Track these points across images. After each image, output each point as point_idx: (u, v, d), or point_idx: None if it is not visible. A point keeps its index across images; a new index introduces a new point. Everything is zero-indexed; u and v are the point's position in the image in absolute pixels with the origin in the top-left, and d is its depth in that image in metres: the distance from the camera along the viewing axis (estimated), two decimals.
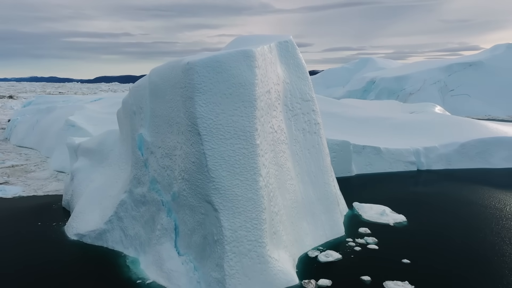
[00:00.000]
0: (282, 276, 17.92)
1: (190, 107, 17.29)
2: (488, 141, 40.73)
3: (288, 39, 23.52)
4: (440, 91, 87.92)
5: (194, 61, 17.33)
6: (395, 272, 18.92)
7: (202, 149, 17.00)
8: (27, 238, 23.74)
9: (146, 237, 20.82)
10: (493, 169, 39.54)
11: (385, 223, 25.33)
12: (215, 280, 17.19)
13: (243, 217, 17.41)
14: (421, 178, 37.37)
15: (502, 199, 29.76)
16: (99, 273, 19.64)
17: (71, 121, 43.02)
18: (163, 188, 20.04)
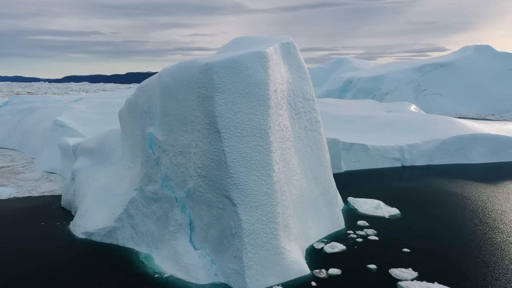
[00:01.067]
0: (296, 267, 18.92)
1: (209, 106, 18.02)
2: (466, 138, 43.06)
3: (290, 40, 24.48)
4: (414, 91, 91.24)
5: (213, 61, 18.06)
6: (398, 260, 20.23)
7: (221, 146, 17.78)
8: (35, 238, 23.81)
9: (158, 233, 21.36)
10: (471, 164, 41.85)
11: (381, 216, 26.72)
12: (233, 271, 18.00)
13: (259, 211, 18.30)
14: (407, 174, 39.18)
15: (483, 191, 31.77)
16: (115, 269, 20.06)
17: (59, 121, 42.62)
18: (177, 185, 20.65)
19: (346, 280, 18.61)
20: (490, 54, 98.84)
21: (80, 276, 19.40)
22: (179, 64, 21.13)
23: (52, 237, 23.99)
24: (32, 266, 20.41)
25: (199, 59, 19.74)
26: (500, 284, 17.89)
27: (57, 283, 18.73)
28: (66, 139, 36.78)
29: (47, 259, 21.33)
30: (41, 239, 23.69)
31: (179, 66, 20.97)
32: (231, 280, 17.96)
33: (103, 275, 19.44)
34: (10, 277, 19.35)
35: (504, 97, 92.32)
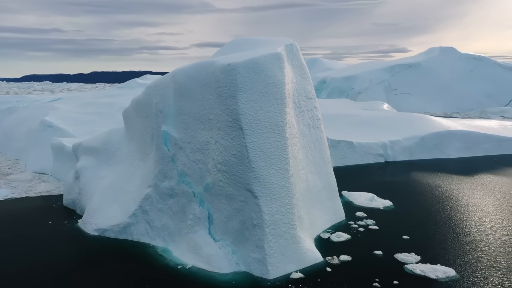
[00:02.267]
0: (311, 254, 20.29)
1: (232, 104, 19.07)
2: (443, 134, 45.89)
3: (292, 42, 25.79)
4: (385, 90, 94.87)
5: (235, 62, 19.13)
6: (400, 246, 21.98)
7: (244, 142, 18.89)
8: (47, 237, 24.09)
9: (175, 227, 22.18)
10: (448, 159, 44.69)
11: (376, 207, 28.53)
12: (255, 260, 19.15)
13: (278, 203, 19.54)
14: (390, 168, 41.43)
15: (463, 183, 34.31)
16: (136, 262, 20.73)
17: (47, 121, 42.21)
18: (194, 180, 21.57)
19: (357, 265, 20.12)
20: (454, 55, 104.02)
21: (103, 270, 20.01)
22: (194, 65, 22.03)
23: (64, 235, 24.32)
24: (52, 264, 20.83)
25: (216, 61, 20.75)
26: (493, 263, 19.89)
27: (83, 278, 19.25)
28: (60, 139, 36.76)
29: (65, 256, 21.79)
30: (54, 238, 23.99)
31: (194, 67, 21.87)
32: (252, 268, 19.10)
33: (126, 268, 20.12)
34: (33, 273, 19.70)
35: (467, 96, 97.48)
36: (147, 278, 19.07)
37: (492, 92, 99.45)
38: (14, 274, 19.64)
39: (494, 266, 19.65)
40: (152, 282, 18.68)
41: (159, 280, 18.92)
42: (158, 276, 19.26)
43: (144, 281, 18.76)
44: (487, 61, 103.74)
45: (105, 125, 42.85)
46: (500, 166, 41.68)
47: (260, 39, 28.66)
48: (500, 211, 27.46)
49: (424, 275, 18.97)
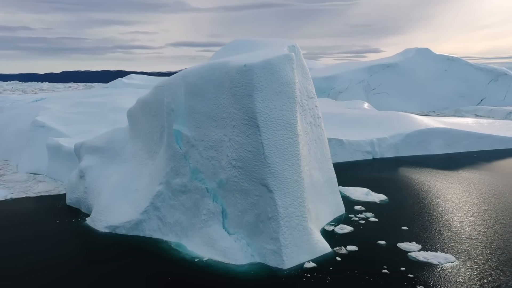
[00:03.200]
0: (320, 245, 21.44)
1: (248, 103, 19.98)
2: (426, 131, 48.05)
3: (294, 43, 26.89)
4: (364, 90, 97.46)
5: (251, 63, 20.05)
6: (401, 236, 23.42)
7: (260, 139, 19.84)
8: (58, 235, 24.44)
9: (188, 222, 22.91)
10: (431, 155, 46.86)
11: (372, 201, 29.99)
12: (270, 251, 20.14)
13: (291, 197, 20.60)
14: (379, 165, 43.17)
15: (449, 177, 36.30)
16: (152, 257, 21.35)
17: (39, 121, 41.93)
18: (207, 177, 22.38)
19: (364, 254, 21.39)
20: (429, 56, 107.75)
21: (120, 264, 20.59)
22: (205, 66, 22.82)
23: (75, 233, 24.68)
24: (68, 260, 21.27)
25: (228, 61, 21.62)
26: (487, 249, 21.53)
27: (102, 272, 19.77)
28: (56, 139, 36.75)
29: (79, 253, 22.29)
30: (65, 236, 24.35)
31: (205, 67, 22.66)
32: (268, 259, 20.08)
33: (143, 263, 20.73)
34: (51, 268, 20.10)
35: (442, 96, 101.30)
36: (166, 271, 19.75)
37: (465, 92, 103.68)
38: (32, 271, 19.97)
39: (489, 252, 21.29)
40: (172, 275, 19.38)
41: (178, 273, 19.64)
42: (176, 270, 19.97)
43: (163, 273, 19.46)
44: (460, 62, 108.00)
45: (98, 125, 42.97)
46: (479, 162, 44.07)
47: (259, 40, 29.66)
48: (487, 202, 29.37)
49: (427, 261, 20.40)
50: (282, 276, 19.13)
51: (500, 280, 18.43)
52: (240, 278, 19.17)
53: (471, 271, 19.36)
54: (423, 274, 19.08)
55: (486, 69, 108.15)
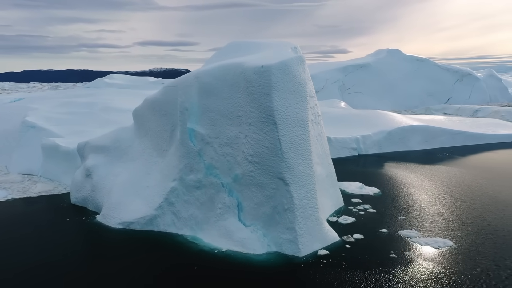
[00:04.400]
0: (330, 234, 22.99)
1: (266, 102, 21.23)
2: (407, 129, 50.73)
3: (296, 45, 28.37)
4: (339, 89, 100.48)
5: (269, 64, 21.31)
6: (401, 225, 25.31)
7: (277, 136, 21.16)
8: (71, 232, 24.90)
9: (203, 216, 23.93)
10: (411, 151, 49.56)
11: (367, 194, 31.88)
12: (286, 240, 21.50)
13: (305, 189, 22.03)
14: (365, 161, 45.35)
15: (431, 171, 38.81)
16: (171, 250, 22.27)
17: (30, 122, 41.56)
18: (222, 172, 23.48)
19: (370, 241, 23.08)
20: (399, 57, 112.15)
21: (140, 258, 21.39)
22: (219, 66, 23.91)
23: (89, 230, 25.20)
24: (87, 256, 21.94)
25: (243, 62, 22.81)
26: (480, 234, 23.71)
27: (123, 266, 20.56)
28: (53, 140, 36.74)
29: (97, 248, 22.91)
30: (79, 233, 24.87)
31: (219, 68, 23.76)
32: (284, 248, 21.43)
33: (162, 256, 21.61)
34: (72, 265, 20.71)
35: (412, 95, 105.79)
36: (187, 262, 20.72)
37: (433, 91, 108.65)
38: (57, 268, 20.50)
39: (482, 236, 23.45)
40: (194, 265, 20.37)
41: (199, 264, 20.61)
42: (197, 261, 20.94)
43: (185, 265, 20.43)
44: (428, 63, 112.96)
45: (90, 125, 43.04)
46: (456, 156, 47.05)
47: (257, 42, 30.97)
48: (471, 193, 31.83)
49: (428, 245, 22.30)
50: (300, 263, 20.50)
51: (495, 259, 20.52)
52: (260, 266, 20.42)
53: (468, 252, 21.39)
54: (427, 257, 20.94)
55: (452, 69, 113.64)
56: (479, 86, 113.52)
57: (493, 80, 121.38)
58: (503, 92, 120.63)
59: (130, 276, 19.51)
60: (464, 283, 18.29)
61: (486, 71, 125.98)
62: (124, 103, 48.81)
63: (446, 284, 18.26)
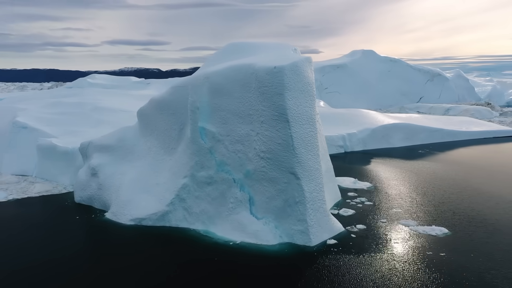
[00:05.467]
0: (336, 225, 24.46)
1: (279, 101, 22.44)
2: (389, 127, 53.10)
3: (295, 47, 29.72)
4: (317, 89, 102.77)
5: (281, 65, 22.51)
6: (398, 215, 27.07)
7: (290, 133, 22.42)
8: (84, 230, 25.48)
9: (215, 211, 24.91)
10: (394, 148, 51.96)
11: (361, 188, 33.62)
12: (298, 231, 22.81)
13: (314, 183, 23.39)
14: (352, 157, 47.28)
15: (416, 165, 41.10)
16: (184, 244, 23.17)
17: (21, 122, 41.21)
18: (234, 168, 24.54)
19: (374, 231, 24.68)
20: (374, 57, 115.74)
21: (156, 252, 22.25)
22: (229, 67, 24.95)
23: (101, 227, 25.74)
24: (104, 252, 22.54)
25: (254, 64, 23.93)
26: (472, 222, 25.75)
27: (141, 260, 21.34)
28: (49, 140, 36.74)
29: (113, 245, 23.56)
30: (92, 230, 25.44)
31: (229, 68, 24.81)
32: (296, 238, 22.72)
33: (177, 249, 22.53)
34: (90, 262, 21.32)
35: (386, 95, 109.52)
36: (205, 255, 21.71)
37: (406, 91, 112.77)
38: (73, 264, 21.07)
39: (474, 224, 25.48)
40: (211, 257, 21.37)
41: (216, 255, 21.64)
42: (213, 253, 21.92)
43: (203, 257, 21.42)
44: (401, 63, 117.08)
45: (82, 125, 43.08)
46: (435, 152, 49.68)
47: (257, 43, 32.12)
48: (456, 185, 34.07)
49: (427, 233, 24.11)
50: (313, 252, 21.86)
51: (488, 243, 22.49)
52: (276, 256, 21.63)
53: (463, 238, 23.31)
54: (427, 243, 22.71)
55: (423, 70, 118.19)
56: (448, 86, 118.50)
57: (461, 80, 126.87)
58: (470, 91, 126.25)
59: (153, 268, 20.31)
60: (464, 265, 20.09)
61: (454, 72, 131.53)
62: (114, 103, 48.91)
63: (448, 266, 19.99)
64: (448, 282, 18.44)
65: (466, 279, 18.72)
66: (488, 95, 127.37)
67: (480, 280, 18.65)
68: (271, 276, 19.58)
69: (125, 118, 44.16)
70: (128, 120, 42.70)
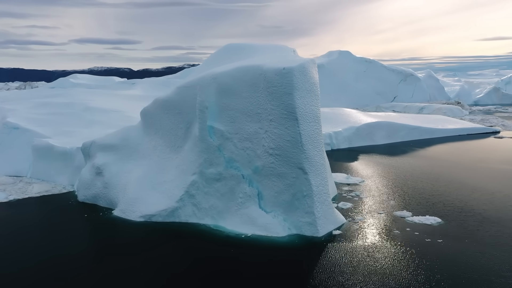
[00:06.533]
0: (339, 217, 25.99)
1: (288, 100, 23.69)
2: (372, 125, 55.32)
3: (294, 48, 31.08)
4: None
5: (290, 67, 23.77)
6: (393, 207, 28.85)
7: (298, 130, 23.72)
8: (95, 227, 25.98)
9: (224, 206, 25.94)
10: (377, 145, 54.22)
11: (354, 183, 35.35)
12: (306, 223, 24.16)
13: (320, 177, 24.80)
14: (339, 154, 49.10)
15: (401, 161, 43.30)
16: (197, 238, 24.12)
17: (12, 123, 40.93)
18: (243, 165, 25.65)
19: (373, 222, 26.31)
20: (350, 58, 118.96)
21: (171, 246, 23.16)
22: (237, 68, 26.02)
23: (112, 224, 26.34)
24: (119, 248, 23.20)
25: (262, 65, 25.11)
26: (462, 212, 27.79)
27: (157, 255, 22.20)
28: (45, 140, 36.80)
29: (126, 241, 24.21)
30: (103, 227, 25.99)
31: (237, 70, 25.90)
32: (304, 230, 24.06)
33: (193, 242, 23.46)
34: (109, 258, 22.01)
35: (362, 94, 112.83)
36: (220, 247, 22.76)
37: (381, 90, 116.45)
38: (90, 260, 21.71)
39: (464, 214, 27.51)
40: (226, 249, 22.44)
41: (231, 247, 22.74)
42: (227, 245, 22.97)
43: (219, 249, 22.47)
44: (376, 64, 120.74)
45: (75, 126, 43.12)
46: (416, 148, 52.20)
47: (255, 45, 33.39)
48: (443, 179, 36.30)
49: (422, 223, 25.95)
50: (321, 242, 23.25)
51: (479, 231, 24.49)
52: (287, 247, 22.92)
53: (456, 227, 25.25)
54: (424, 231, 24.52)
55: (396, 70, 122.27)
56: (420, 86, 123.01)
57: (432, 80, 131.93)
58: (441, 91, 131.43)
59: (172, 261, 21.22)
60: (460, 249, 21.95)
61: (425, 72, 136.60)
62: (103, 103, 48.94)
63: (446, 251, 21.79)
64: (448, 264, 20.21)
65: (464, 261, 20.56)
66: (457, 95, 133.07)
67: (476, 262, 20.51)
68: (287, 265, 20.83)
69: (117, 118, 44.52)
70: (120, 120, 43.17)
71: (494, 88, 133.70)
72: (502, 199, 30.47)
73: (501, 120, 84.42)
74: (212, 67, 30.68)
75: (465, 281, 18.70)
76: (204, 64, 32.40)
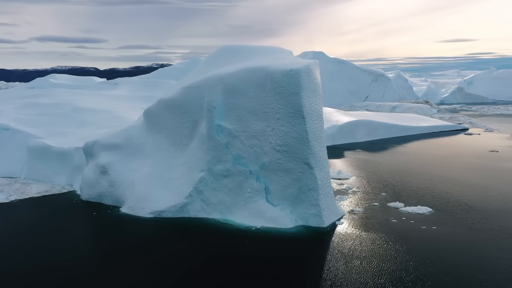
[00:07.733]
0: (340, 208, 27.77)
1: (295, 99, 25.16)
2: (354, 123, 57.73)
3: (290, 50, 32.63)
4: None
5: (297, 68, 25.24)
6: (386, 199, 30.89)
7: (305, 128, 25.25)
8: (106, 225, 26.55)
9: (232, 201, 27.14)
10: (358, 142, 56.65)
11: (345, 177, 37.28)
12: (312, 215, 25.73)
13: (324, 171, 26.44)
14: None
15: (383, 157, 45.72)
16: (208, 232, 25.23)
17: (2, 124, 40.47)
18: (250, 161, 26.95)
19: (371, 212, 28.19)
20: (324, 59, 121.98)
21: (187, 239, 24.16)
22: (243, 70, 27.28)
23: (123, 222, 27.04)
24: (134, 245, 24.02)
25: (268, 66, 26.49)
26: (450, 202, 30.13)
27: (172, 249, 23.21)
28: (42, 141, 36.77)
29: (140, 237, 25.04)
30: (114, 224, 26.66)
31: (244, 71, 27.17)
32: (310, 221, 25.62)
33: (207, 236, 24.57)
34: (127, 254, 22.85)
35: (337, 94, 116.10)
36: (233, 239, 23.98)
37: (354, 90, 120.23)
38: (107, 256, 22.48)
39: (452, 204, 29.83)
40: (238, 241, 23.69)
41: (243, 239, 24.02)
42: (238, 237, 24.22)
43: (233, 241, 23.69)
44: (348, 64, 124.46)
45: (67, 126, 43.12)
46: (395, 145, 54.99)
47: (252, 46, 34.74)
48: (427, 172, 38.81)
49: (415, 212, 28.07)
50: (328, 232, 24.90)
51: (467, 218, 26.81)
52: (295, 237, 24.41)
53: (446, 216, 27.49)
54: (418, 219, 26.62)
55: (368, 71, 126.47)
56: (390, 85, 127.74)
57: (401, 80, 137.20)
58: (409, 91, 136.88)
59: (189, 254, 22.27)
60: (453, 234, 24.12)
61: (395, 73, 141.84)
62: (91, 104, 48.87)
63: (441, 236, 23.90)
64: (445, 246, 22.29)
65: (458, 243, 22.73)
66: (424, 94, 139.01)
67: (470, 245, 22.70)
68: (299, 252, 22.33)
69: (108, 118, 44.76)
70: (112, 120, 43.50)
71: (458, 88, 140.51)
72: (483, 190, 33.12)
73: (468, 118, 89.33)
74: (212, 68, 31.84)
75: (463, 258, 20.81)
76: (205, 64, 33.43)
